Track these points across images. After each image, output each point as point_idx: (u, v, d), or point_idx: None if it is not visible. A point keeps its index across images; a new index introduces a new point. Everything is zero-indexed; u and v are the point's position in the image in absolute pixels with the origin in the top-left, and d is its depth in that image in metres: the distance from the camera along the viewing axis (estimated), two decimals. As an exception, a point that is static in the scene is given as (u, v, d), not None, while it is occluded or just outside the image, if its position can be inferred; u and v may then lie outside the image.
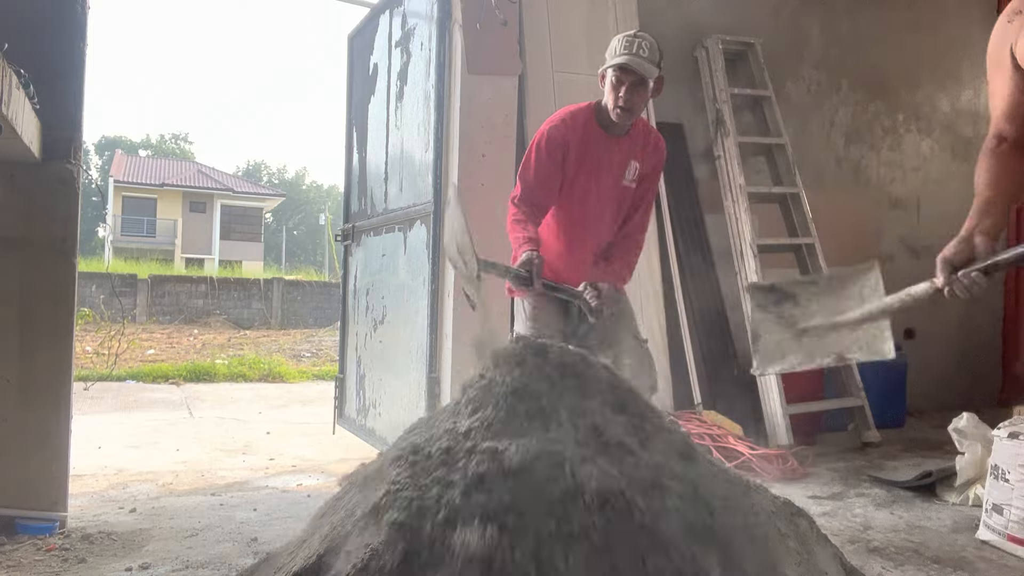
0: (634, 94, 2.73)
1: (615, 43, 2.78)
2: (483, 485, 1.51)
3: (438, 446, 1.66)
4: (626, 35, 2.77)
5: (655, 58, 2.74)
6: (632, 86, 2.72)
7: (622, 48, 2.74)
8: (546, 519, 1.44)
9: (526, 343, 1.86)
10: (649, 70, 2.72)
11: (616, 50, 2.76)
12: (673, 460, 1.67)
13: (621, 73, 2.72)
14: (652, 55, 2.73)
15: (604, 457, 1.58)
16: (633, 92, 2.73)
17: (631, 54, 2.70)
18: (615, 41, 2.78)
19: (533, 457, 1.54)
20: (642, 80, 2.72)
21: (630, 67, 2.69)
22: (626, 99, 2.73)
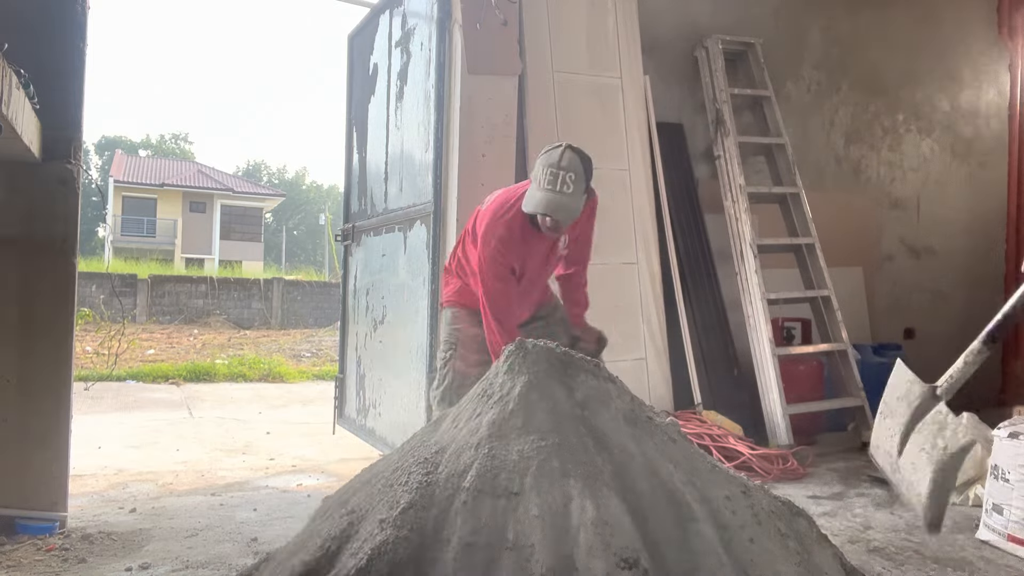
0: (561, 227, 2.81)
1: (539, 171, 2.75)
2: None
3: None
4: (551, 166, 2.71)
5: (581, 187, 2.74)
6: (556, 223, 2.77)
7: (546, 182, 2.72)
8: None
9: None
10: (573, 213, 2.75)
11: (541, 181, 2.73)
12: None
13: (542, 217, 2.77)
14: (578, 185, 2.72)
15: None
16: (559, 226, 2.80)
17: (556, 192, 2.69)
18: (540, 168, 2.75)
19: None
20: (567, 223, 2.79)
21: (554, 217, 2.72)
22: (553, 226, 2.79)
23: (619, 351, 4.22)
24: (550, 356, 1.86)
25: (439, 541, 1.52)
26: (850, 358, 4.69)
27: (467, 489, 1.58)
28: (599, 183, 4.37)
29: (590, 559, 1.46)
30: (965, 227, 6.04)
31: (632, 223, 4.42)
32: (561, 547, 1.47)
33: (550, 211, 2.71)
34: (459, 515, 1.54)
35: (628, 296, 4.35)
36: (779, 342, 4.61)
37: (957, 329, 5.99)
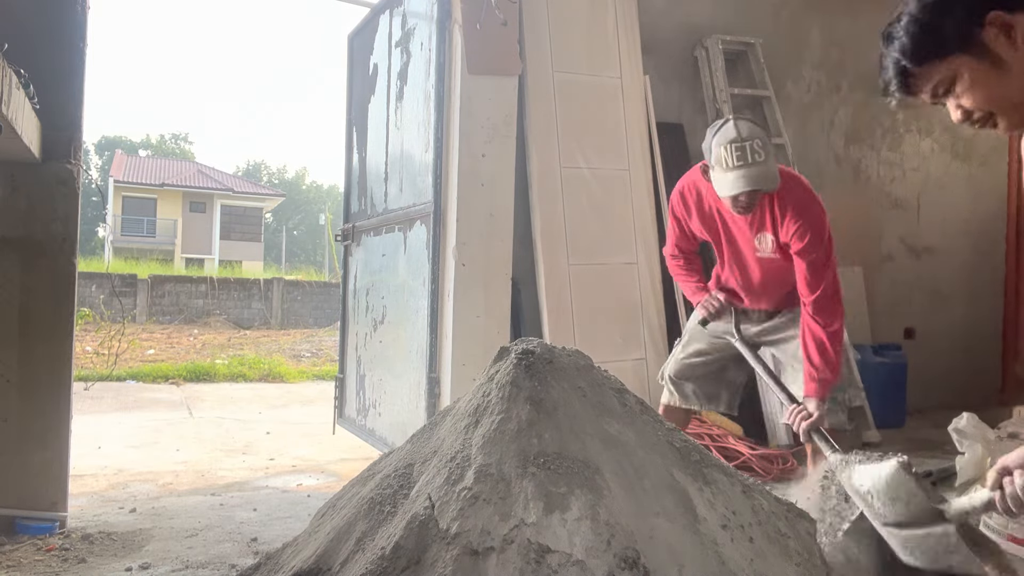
0: (755, 197, 2.59)
1: (722, 152, 2.53)
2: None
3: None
4: (731, 141, 2.52)
5: (771, 150, 2.56)
6: (750, 196, 2.56)
7: (734, 159, 2.51)
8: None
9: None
10: (773, 178, 2.53)
11: (728, 161, 2.53)
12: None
13: (735, 198, 2.57)
14: (767, 148, 2.54)
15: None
16: (754, 196, 2.58)
17: (748, 164, 2.49)
18: (722, 150, 2.53)
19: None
20: (774, 188, 2.55)
21: (761, 188, 2.53)
22: (748, 203, 2.60)
23: (619, 351, 4.23)
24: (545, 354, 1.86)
25: (439, 536, 1.52)
26: (850, 358, 4.69)
27: (466, 489, 1.58)
28: (599, 182, 4.40)
29: (590, 559, 1.46)
30: (965, 227, 6.04)
31: (632, 223, 4.42)
32: (561, 546, 1.47)
33: (753, 185, 2.51)
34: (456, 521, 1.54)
35: (628, 296, 4.35)
36: (779, 342, 4.61)
37: (957, 329, 6.03)
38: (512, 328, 3.87)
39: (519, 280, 4.13)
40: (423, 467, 1.75)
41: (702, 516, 1.65)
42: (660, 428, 1.87)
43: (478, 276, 3.71)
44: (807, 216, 2.61)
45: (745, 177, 2.51)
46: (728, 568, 1.57)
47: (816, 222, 2.62)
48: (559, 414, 1.70)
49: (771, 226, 2.67)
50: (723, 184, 2.58)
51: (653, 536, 1.54)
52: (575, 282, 4.21)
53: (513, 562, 1.44)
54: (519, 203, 4.01)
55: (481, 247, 3.72)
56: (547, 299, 4.14)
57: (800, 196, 2.65)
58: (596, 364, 1.93)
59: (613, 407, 1.81)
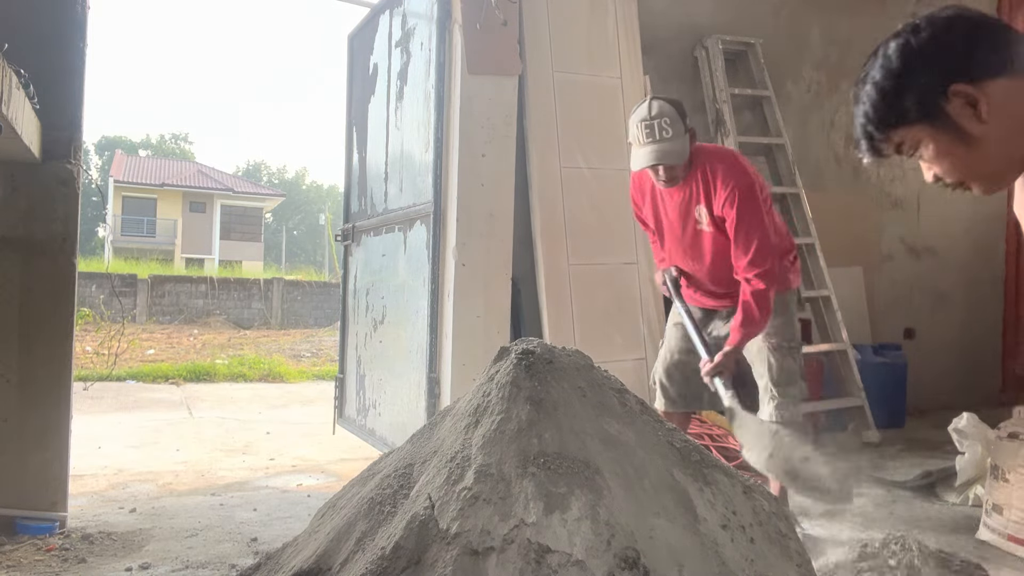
0: (674, 170, 2.74)
1: (634, 130, 2.72)
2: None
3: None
4: (642, 119, 2.70)
5: (680, 127, 2.70)
6: (668, 168, 2.72)
7: (643, 136, 2.69)
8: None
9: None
10: (680, 151, 2.69)
11: (639, 138, 2.70)
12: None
13: (653, 170, 2.74)
14: (675, 126, 2.68)
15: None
16: (672, 170, 2.74)
17: (655, 141, 2.67)
18: (634, 127, 2.72)
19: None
20: (678, 163, 2.71)
21: (661, 163, 2.69)
22: (667, 177, 2.76)
23: (619, 351, 4.23)
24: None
25: (439, 536, 1.52)
26: (850, 358, 4.69)
27: (465, 489, 1.58)
28: (599, 182, 4.40)
29: (590, 559, 1.46)
30: (965, 227, 6.04)
31: (632, 223, 4.41)
32: (561, 546, 1.47)
33: (656, 159, 2.68)
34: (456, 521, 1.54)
35: (628, 296, 4.35)
36: (779, 342, 4.61)
37: (957, 329, 6.03)
38: (512, 328, 3.87)
39: (519, 280, 4.13)
40: (423, 467, 1.75)
41: (702, 516, 1.65)
42: (660, 428, 1.87)
43: (478, 276, 3.71)
44: (733, 182, 2.74)
45: (651, 153, 2.68)
46: (728, 568, 1.57)
47: (744, 187, 2.74)
48: (559, 414, 1.70)
49: (704, 198, 2.80)
50: (634, 160, 2.77)
51: (653, 536, 1.54)
52: (575, 282, 4.21)
53: (513, 562, 1.44)
54: (519, 203, 4.00)
55: (481, 247, 3.72)
56: (547, 299, 4.14)
57: (729, 165, 2.80)
58: (596, 364, 1.93)
59: (613, 407, 1.81)
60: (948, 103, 1.22)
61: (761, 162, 5.18)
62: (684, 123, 2.73)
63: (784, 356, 2.91)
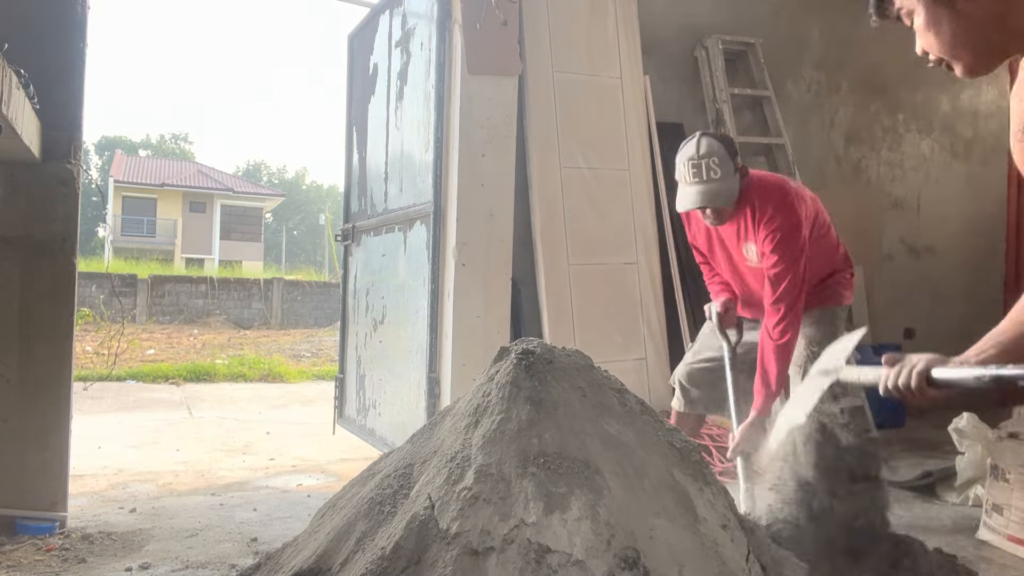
0: (724, 211, 2.69)
1: (682, 168, 2.66)
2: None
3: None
4: (690, 158, 2.63)
5: (729, 167, 2.62)
6: (716, 209, 2.67)
7: (690, 176, 2.63)
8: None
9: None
10: (728, 193, 2.62)
11: (686, 177, 2.65)
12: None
13: (700, 210, 2.69)
14: (725, 166, 2.61)
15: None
16: (721, 211, 2.69)
17: (703, 182, 2.60)
18: (682, 166, 2.66)
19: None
20: (727, 205, 2.65)
21: (709, 206, 2.64)
22: (715, 218, 2.71)
23: (619, 351, 4.23)
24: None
25: (439, 536, 1.52)
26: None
27: (465, 489, 1.58)
28: (599, 182, 4.40)
29: (590, 559, 1.46)
30: (965, 227, 6.04)
31: (632, 223, 4.42)
32: (561, 546, 1.47)
33: (702, 202, 2.63)
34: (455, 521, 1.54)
35: (628, 296, 4.36)
36: (779, 342, 4.60)
37: (957, 329, 6.00)
38: (512, 328, 3.87)
39: (519, 280, 4.13)
40: (423, 467, 1.75)
41: (702, 516, 1.65)
42: (660, 428, 1.87)
43: (478, 276, 3.71)
44: (776, 223, 2.66)
45: (698, 194, 2.62)
46: (728, 568, 1.57)
47: (786, 229, 2.66)
48: (559, 414, 1.70)
49: (753, 235, 2.74)
50: (680, 199, 2.71)
51: (653, 536, 1.54)
52: (575, 282, 4.21)
53: (513, 562, 1.44)
54: (519, 203, 4.00)
55: (481, 247, 3.72)
56: (547, 299, 4.14)
57: (777, 205, 2.69)
58: (596, 364, 1.93)
59: (613, 407, 1.81)
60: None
61: (761, 162, 5.18)
62: (734, 162, 2.66)
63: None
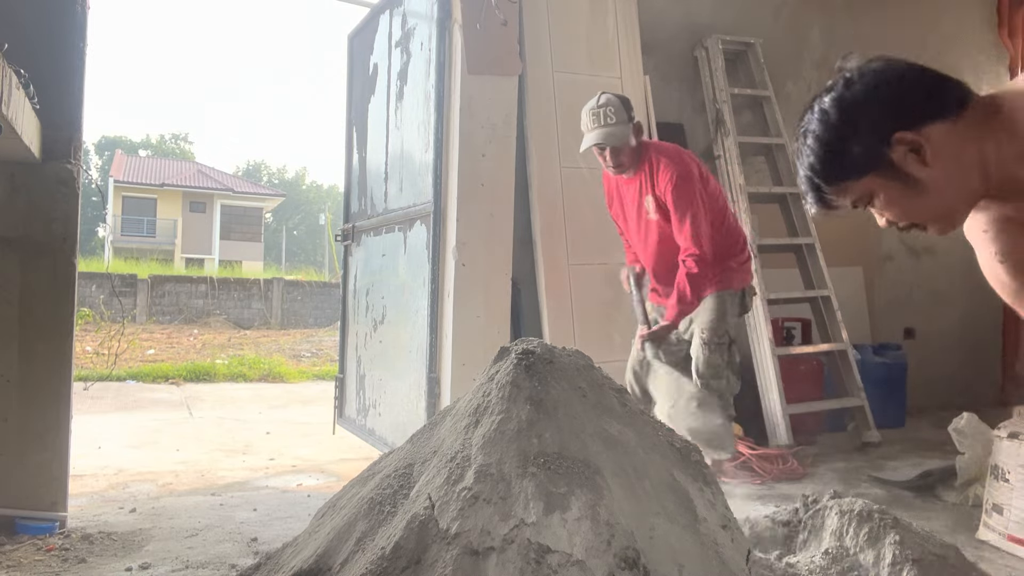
0: (619, 155, 3.14)
1: (584, 118, 3.14)
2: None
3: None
4: (590, 108, 3.11)
5: (623, 116, 3.09)
6: (613, 151, 3.13)
7: (591, 123, 3.11)
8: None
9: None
10: (620, 135, 3.08)
11: (587, 124, 3.12)
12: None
13: (599, 149, 3.15)
14: (619, 115, 3.08)
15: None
16: (617, 154, 3.14)
17: (600, 126, 3.09)
18: (584, 115, 3.14)
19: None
20: (618, 145, 3.10)
21: (602, 143, 3.10)
22: (614, 162, 3.16)
23: (619, 351, 4.23)
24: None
25: (439, 536, 1.52)
26: (850, 358, 4.69)
27: (465, 489, 1.58)
28: (599, 182, 4.39)
29: (590, 559, 1.46)
30: (965, 227, 6.04)
31: (632, 223, 4.42)
32: (561, 546, 1.47)
33: (598, 140, 3.08)
34: (456, 520, 1.54)
35: (628, 296, 4.35)
36: (779, 342, 4.61)
37: (957, 329, 6.02)
38: (512, 328, 3.87)
39: (519, 280, 4.13)
40: (423, 467, 1.75)
41: (702, 516, 1.65)
42: (660, 428, 1.87)
43: (478, 276, 3.71)
44: (672, 169, 3.11)
45: (596, 135, 3.10)
46: (728, 568, 1.57)
47: (681, 174, 3.10)
48: (559, 414, 1.70)
49: (650, 187, 3.17)
50: (583, 144, 3.17)
51: (653, 536, 1.54)
52: (575, 282, 4.21)
53: (513, 562, 1.44)
54: (519, 203, 4.00)
55: (481, 247, 3.72)
56: (547, 299, 4.14)
57: (671, 155, 3.17)
58: (596, 364, 1.93)
59: (613, 407, 1.81)
60: (892, 151, 1.24)
61: (761, 162, 5.18)
62: (628, 113, 3.11)
63: (712, 351, 3.20)
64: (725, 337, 3.23)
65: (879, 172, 1.26)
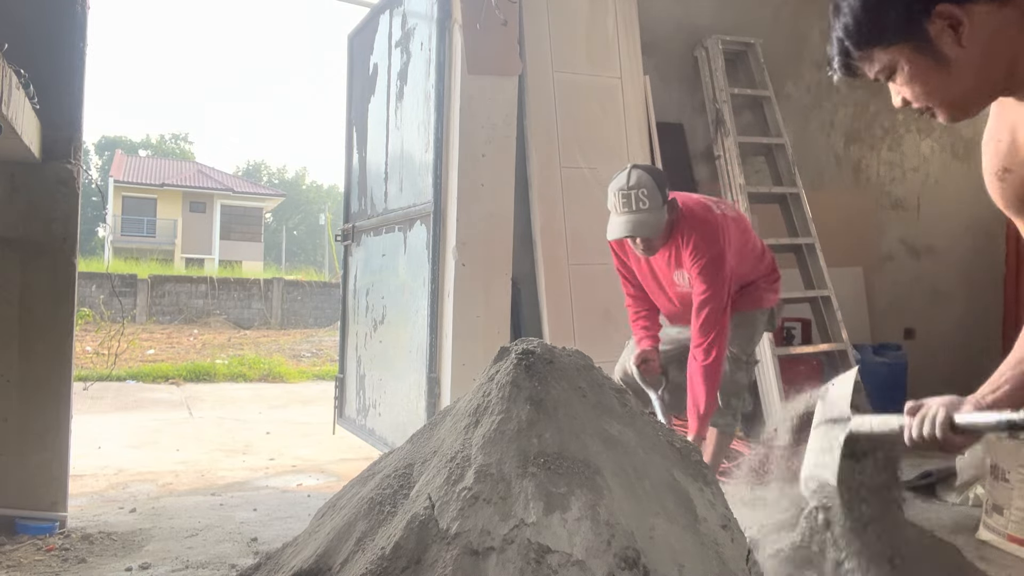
0: (652, 242, 2.79)
1: (613, 198, 2.77)
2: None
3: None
4: (620, 188, 2.73)
5: (658, 200, 2.71)
6: (645, 240, 2.77)
7: (621, 206, 2.73)
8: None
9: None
10: (655, 224, 2.72)
11: (616, 207, 2.75)
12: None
13: (631, 240, 2.80)
14: (653, 199, 2.70)
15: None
16: (649, 242, 2.79)
17: (631, 212, 2.70)
18: (612, 195, 2.77)
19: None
20: (652, 236, 2.75)
21: (634, 235, 2.75)
22: (644, 248, 2.82)
23: (619, 351, 4.22)
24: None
25: (439, 536, 1.52)
26: (850, 358, 4.69)
27: (466, 489, 1.58)
28: (599, 182, 4.39)
29: (590, 559, 1.46)
30: (965, 227, 6.04)
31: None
32: (561, 546, 1.47)
33: (631, 231, 2.73)
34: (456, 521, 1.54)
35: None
36: (779, 342, 4.61)
37: (957, 329, 6.02)
38: (512, 328, 3.87)
39: (519, 280, 4.13)
40: (423, 467, 1.75)
41: (702, 516, 1.65)
42: (661, 428, 1.87)
43: (478, 276, 3.71)
44: (702, 252, 2.77)
45: (627, 223, 2.72)
46: (729, 568, 1.57)
47: (710, 257, 2.76)
48: (559, 414, 1.70)
49: (678, 261, 2.86)
50: (611, 228, 2.81)
51: (653, 536, 1.54)
52: (575, 282, 4.21)
53: (513, 562, 1.44)
54: (519, 203, 4.00)
55: (481, 247, 3.72)
56: (547, 299, 4.14)
57: (701, 235, 2.79)
58: (596, 364, 1.93)
59: (613, 407, 1.81)
60: (930, 23, 1.18)
61: (761, 162, 5.18)
62: (663, 194, 2.74)
63: (737, 369, 3.01)
64: (752, 356, 3.09)
65: (912, 43, 1.20)
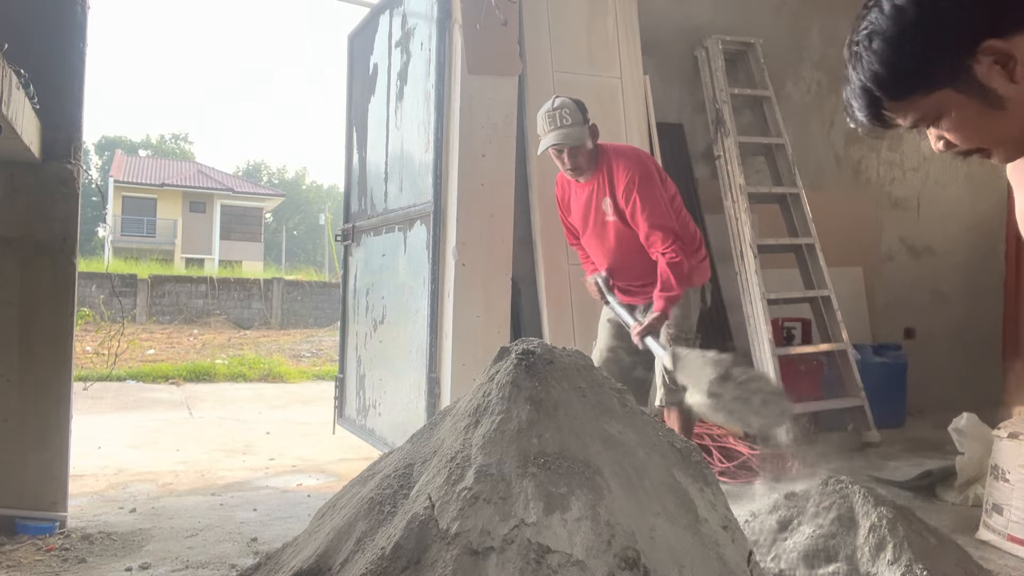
0: (577, 156, 3.12)
1: (540, 121, 3.15)
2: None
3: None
4: (546, 111, 3.11)
5: (579, 117, 3.09)
6: (571, 152, 3.11)
7: (547, 125, 3.11)
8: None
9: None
10: (577, 136, 3.08)
11: (544, 127, 3.13)
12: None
13: (556, 151, 3.14)
14: (575, 116, 3.07)
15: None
16: (575, 155, 3.12)
17: (557, 128, 3.08)
18: (540, 119, 3.15)
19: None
20: (576, 146, 3.10)
21: (559, 144, 3.09)
22: (571, 164, 3.14)
23: (619, 351, 4.23)
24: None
25: (439, 536, 1.52)
26: (850, 358, 4.69)
27: (465, 489, 1.58)
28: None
29: (590, 559, 1.46)
30: (965, 227, 6.04)
31: (632, 223, 4.41)
32: (561, 547, 1.47)
33: (556, 141, 3.07)
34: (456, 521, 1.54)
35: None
36: (779, 342, 4.61)
37: (957, 329, 6.02)
38: (512, 328, 3.87)
39: (519, 280, 4.13)
40: (423, 467, 1.75)
41: (703, 517, 1.65)
42: (660, 428, 1.87)
43: (478, 276, 3.71)
44: (632, 170, 3.11)
45: (552, 137, 3.09)
46: (729, 568, 1.57)
47: (642, 175, 3.11)
48: (559, 414, 1.70)
49: (608, 190, 3.17)
50: (540, 147, 3.18)
51: (653, 536, 1.54)
52: (575, 282, 4.21)
53: (513, 562, 1.44)
54: (519, 203, 4.00)
55: (481, 247, 3.72)
56: (547, 299, 4.13)
57: (629, 157, 3.18)
58: (596, 364, 1.93)
59: (613, 407, 1.81)
60: (976, 63, 1.03)
61: (761, 162, 5.18)
62: (584, 115, 3.10)
63: (679, 346, 3.19)
64: (691, 332, 3.25)
65: (957, 86, 1.06)
